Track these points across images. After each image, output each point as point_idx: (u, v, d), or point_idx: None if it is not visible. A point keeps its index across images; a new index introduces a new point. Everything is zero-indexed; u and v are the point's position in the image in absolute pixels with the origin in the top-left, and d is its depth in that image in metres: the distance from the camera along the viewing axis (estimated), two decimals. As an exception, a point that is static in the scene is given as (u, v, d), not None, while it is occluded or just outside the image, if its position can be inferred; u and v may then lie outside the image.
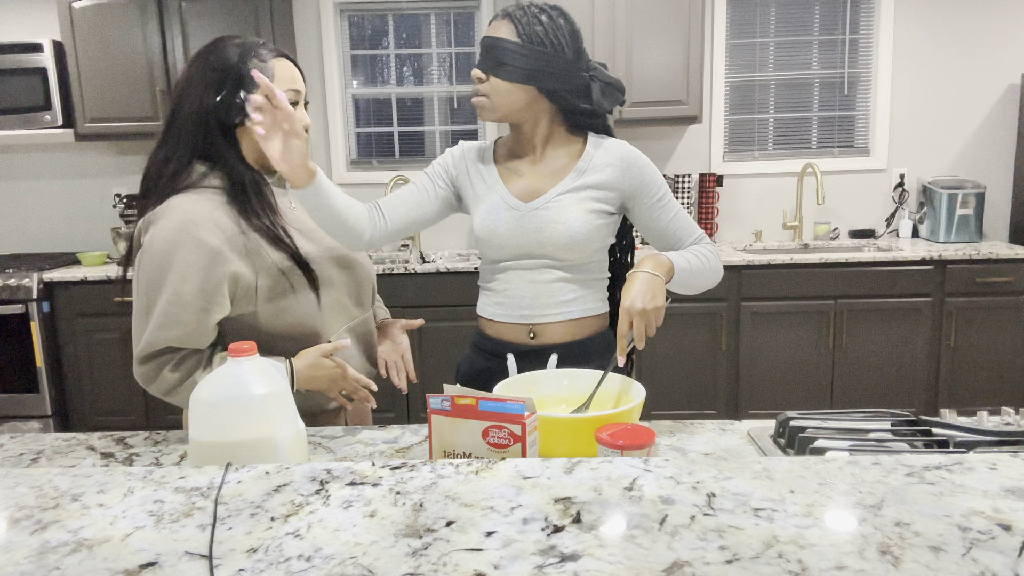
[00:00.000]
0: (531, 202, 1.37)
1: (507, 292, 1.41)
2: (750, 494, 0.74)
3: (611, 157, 1.38)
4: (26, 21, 3.72)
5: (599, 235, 1.37)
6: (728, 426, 1.23)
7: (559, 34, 1.30)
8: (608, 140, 1.42)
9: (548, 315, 1.40)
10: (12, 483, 0.82)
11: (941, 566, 0.61)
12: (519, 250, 1.38)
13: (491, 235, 1.38)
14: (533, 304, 1.40)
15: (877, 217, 3.75)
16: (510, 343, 1.43)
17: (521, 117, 1.36)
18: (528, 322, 1.41)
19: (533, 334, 1.41)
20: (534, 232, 1.36)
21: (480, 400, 0.99)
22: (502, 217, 1.37)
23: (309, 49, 3.72)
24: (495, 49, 1.30)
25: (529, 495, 0.76)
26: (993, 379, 3.23)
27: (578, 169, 1.37)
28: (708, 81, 3.69)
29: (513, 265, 1.40)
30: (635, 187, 1.38)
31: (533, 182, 1.39)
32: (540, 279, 1.39)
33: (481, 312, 1.48)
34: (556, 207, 1.35)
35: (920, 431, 1.05)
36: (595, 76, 1.38)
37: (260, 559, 0.65)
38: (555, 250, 1.36)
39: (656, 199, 1.39)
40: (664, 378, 3.26)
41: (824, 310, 3.18)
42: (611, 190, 1.37)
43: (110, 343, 3.30)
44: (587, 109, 1.38)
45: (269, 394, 0.97)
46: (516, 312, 1.41)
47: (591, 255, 1.39)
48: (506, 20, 1.30)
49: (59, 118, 3.41)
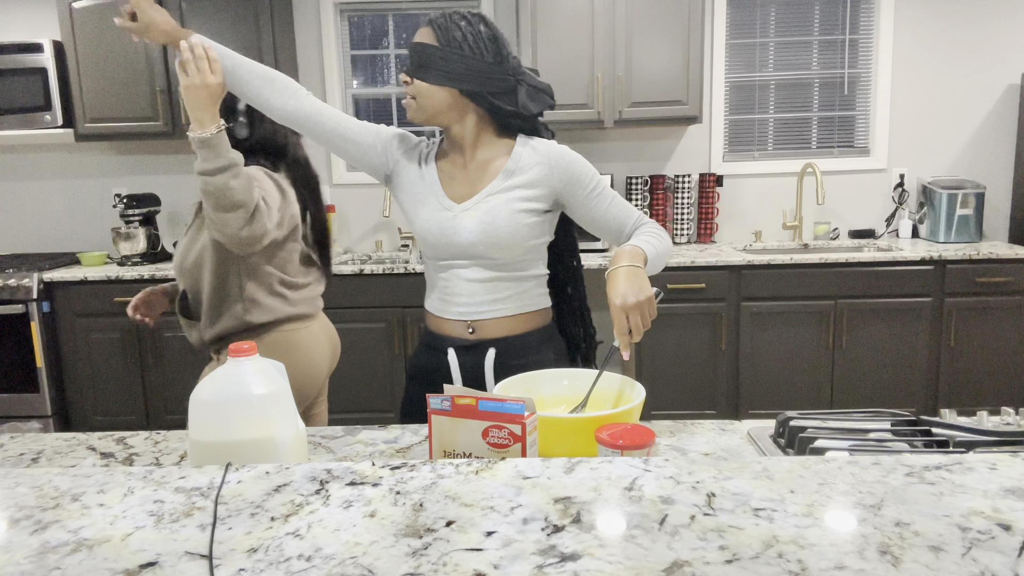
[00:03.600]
0: (463, 203, 1.42)
1: (447, 289, 1.46)
2: (750, 494, 0.74)
3: (538, 156, 1.43)
4: (26, 21, 3.72)
5: (529, 234, 1.42)
6: (728, 426, 1.23)
7: (478, 39, 1.36)
8: (536, 140, 1.46)
9: (485, 312, 1.45)
10: (12, 483, 0.82)
11: (941, 566, 0.61)
12: (454, 250, 1.43)
13: (427, 235, 1.44)
14: (470, 302, 1.45)
15: (877, 217, 3.75)
16: (451, 338, 1.49)
17: (447, 119, 1.42)
18: (467, 319, 1.46)
19: (472, 329, 1.47)
20: (465, 233, 1.40)
21: (480, 400, 0.99)
22: (437, 218, 1.42)
23: (309, 49, 3.72)
24: (418, 53, 1.37)
25: (529, 495, 0.76)
26: (993, 379, 3.23)
27: (507, 170, 1.42)
28: (708, 81, 3.69)
29: (450, 264, 1.45)
30: (565, 182, 1.43)
31: (465, 183, 1.44)
32: (476, 277, 1.44)
33: (427, 307, 1.53)
34: (485, 208, 1.40)
35: (920, 431, 1.05)
36: (521, 80, 1.42)
37: (260, 559, 0.65)
38: (486, 250, 1.41)
39: (589, 190, 1.43)
40: (664, 378, 3.26)
41: (824, 310, 3.18)
42: (541, 188, 1.42)
43: (110, 343, 3.30)
44: (512, 111, 1.42)
45: (269, 394, 0.97)
46: (455, 309, 1.46)
47: (523, 254, 1.44)
48: (428, 26, 1.37)
49: (59, 118, 3.41)
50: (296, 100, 1.42)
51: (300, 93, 1.44)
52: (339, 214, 3.84)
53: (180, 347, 3.30)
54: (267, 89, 1.41)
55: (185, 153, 3.83)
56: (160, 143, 3.81)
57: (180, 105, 3.41)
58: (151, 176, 3.85)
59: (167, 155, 3.83)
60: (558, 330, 1.59)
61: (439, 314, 1.49)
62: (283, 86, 1.42)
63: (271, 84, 1.41)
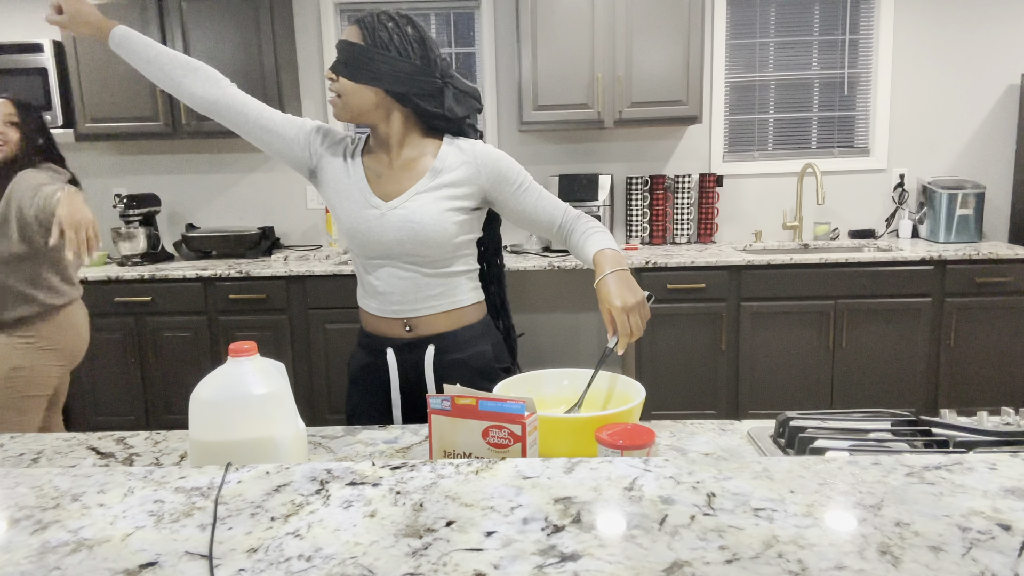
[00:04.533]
0: (390, 201, 1.42)
1: (379, 288, 1.46)
2: (750, 494, 0.74)
3: (465, 155, 1.44)
4: (26, 21, 3.72)
5: (458, 231, 1.43)
6: (728, 426, 1.23)
7: (404, 40, 1.37)
8: (461, 139, 1.47)
9: (420, 309, 1.46)
10: (12, 483, 0.82)
11: (941, 566, 0.61)
12: (383, 248, 1.43)
13: (355, 233, 1.43)
14: (403, 300, 1.45)
15: (877, 217, 3.75)
16: (388, 337, 1.49)
17: (373, 118, 1.42)
18: (402, 316, 1.47)
19: (409, 327, 1.47)
20: (394, 231, 1.41)
21: (480, 400, 0.99)
22: (363, 216, 1.42)
23: (309, 49, 3.72)
24: (344, 51, 1.37)
25: (529, 495, 0.76)
26: (993, 379, 3.23)
27: (434, 169, 1.43)
28: (708, 81, 3.69)
29: (381, 263, 1.45)
30: (492, 180, 1.45)
31: (392, 181, 1.44)
32: (407, 275, 1.44)
33: (361, 305, 1.53)
34: (413, 206, 1.41)
35: (920, 431, 1.05)
36: (448, 83, 1.43)
37: (260, 559, 0.65)
38: (416, 247, 1.41)
39: (516, 186, 1.46)
40: (664, 378, 3.26)
41: (824, 310, 3.18)
42: (468, 186, 1.44)
43: (110, 343, 3.30)
44: (437, 113, 1.43)
45: (269, 394, 0.97)
46: (390, 308, 1.47)
47: (453, 251, 1.45)
48: (356, 25, 1.37)
49: (59, 118, 3.41)
50: (219, 89, 1.44)
51: (223, 83, 1.45)
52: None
53: (180, 347, 3.30)
54: (189, 79, 1.43)
55: (185, 153, 3.83)
56: (160, 143, 3.81)
57: (180, 105, 3.41)
58: (151, 176, 3.85)
59: (167, 155, 3.83)
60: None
61: (375, 313, 1.49)
62: (205, 76, 1.44)
63: (193, 74, 1.43)
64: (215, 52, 3.37)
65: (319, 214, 3.85)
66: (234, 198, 3.86)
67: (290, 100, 3.55)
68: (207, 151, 3.83)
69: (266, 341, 3.28)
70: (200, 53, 3.37)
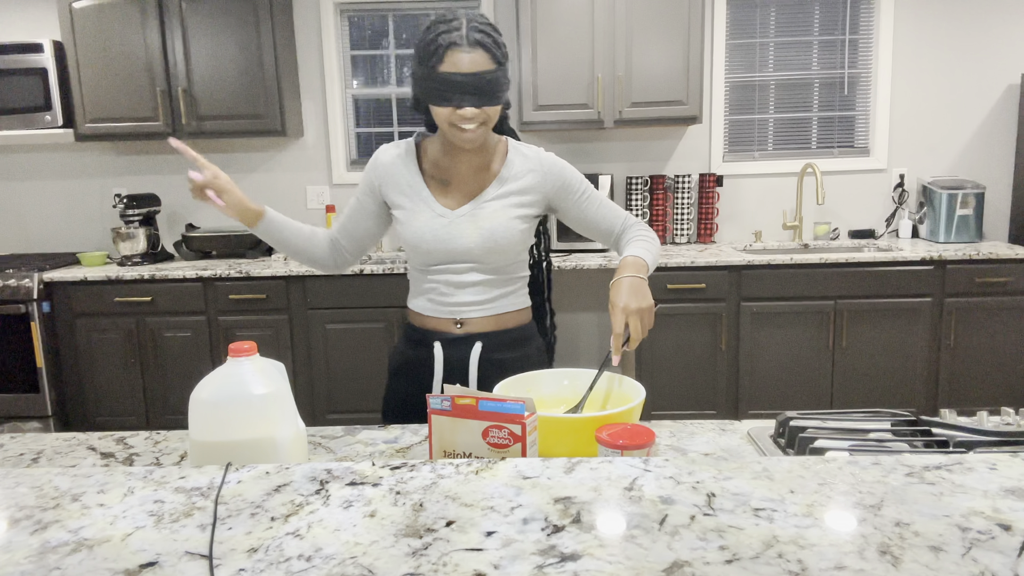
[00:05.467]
0: (458, 209, 1.43)
1: (435, 291, 1.48)
2: (750, 494, 0.74)
3: (530, 163, 1.45)
4: (26, 21, 3.72)
5: (522, 239, 1.45)
6: (728, 426, 1.23)
7: (505, 44, 1.35)
8: (525, 146, 1.48)
9: (473, 310, 1.48)
10: (12, 483, 0.82)
11: (941, 566, 0.61)
12: (447, 255, 1.44)
13: (420, 242, 1.43)
14: (460, 302, 1.47)
15: (877, 217, 3.75)
16: (437, 332, 1.50)
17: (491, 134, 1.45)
18: (455, 316, 1.48)
19: (460, 323, 1.49)
20: (461, 238, 1.41)
21: (480, 400, 0.99)
22: (431, 226, 1.42)
23: (309, 49, 3.72)
24: (486, 82, 1.30)
25: (529, 495, 0.76)
26: (993, 379, 3.23)
27: (501, 177, 1.44)
28: (708, 81, 3.69)
29: (441, 269, 1.46)
30: (557, 188, 1.46)
31: (458, 189, 1.45)
32: (466, 280, 1.46)
33: (411, 306, 1.55)
34: (482, 214, 1.42)
35: (920, 431, 1.05)
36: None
37: (260, 559, 0.65)
38: (481, 255, 1.42)
39: (579, 194, 1.48)
40: (664, 378, 3.26)
41: (824, 310, 3.18)
42: (534, 194, 1.45)
43: (110, 343, 3.30)
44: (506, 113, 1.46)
45: (269, 394, 0.97)
46: (444, 308, 1.48)
47: (514, 257, 1.47)
48: (478, 49, 1.29)
49: (59, 118, 3.41)
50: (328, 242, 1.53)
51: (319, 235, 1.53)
52: (339, 214, 3.83)
53: (180, 347, 3.30)
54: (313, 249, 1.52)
55: (185, 153, 3.82)
56: (160, 143, 3.81)
57: (180, 105, 3.41)
58: (151, 176, 3.85)
59: (167, 155, 3.83)
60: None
61: (427, 313, 1.50)
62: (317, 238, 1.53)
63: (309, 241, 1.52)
64: (215, 52, 3.37)
65: (319, 214, 3.85)
66: (234, 198, 3.85)
67: (290, 100, 3.55)
68: (207, 151, 3.83)
69: (266, 341, 3.28)
70: (200, 53, 3.37)
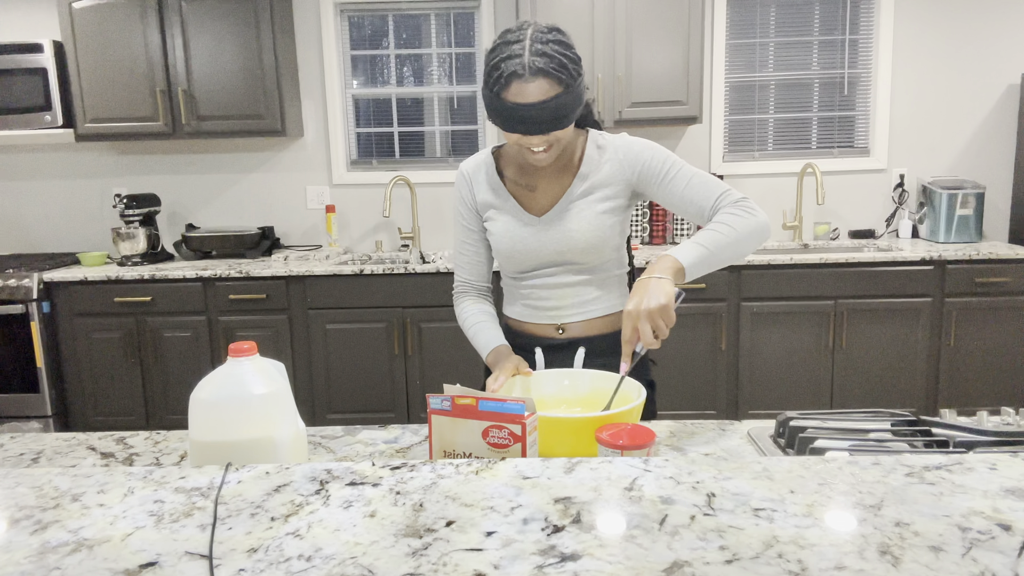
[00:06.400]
0: (544, 215, 1.40)
1: (533, 297, 1.45)
2: (750, 494, 0.74)
3: (607, 153, 1.40)
4: (26, 21, 3.72)
5: (614, 233, 1.40)
6: (728, 426, 1.23)
7: (576, 62, 1.25)
8: (601, 136, 1.42)
9: (574, 314, 1.45)
10: (12, 483, 0.82)
11: (941, 566, 0.61)
12: (540, 260, 1.41)
13: (512, 251, 1.42)
14: (559, 306, 1.44)
15: (877, 217, 3.75)
16: (538, 337, 1.48)
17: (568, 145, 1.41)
18: (556, 322, 1.45)
19: (562, 330, 1.46)
20: (552, 243, 1.39)
21: (480, 400, 0.99)
22: (520, 233, 1.40)
23: (309, 49, 3.72)
24: (550, 111, 1.23)
25: (529, 495, 0.76)
26: (993, 379, 3.23)
27: (582, 174, 1.40)
28: (708, 81, 3.69)
29: (536, 274, 1.44)
30: (639, 173, 1.39)
31: (542, 194, 1.42)
32: (563, 283, 1.43)
33: (508, 314, 1.52)
34: (569, 215, 1.38)
35: (920, 431, 1.05)
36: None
37: (260, 559, 0.65)
38: (575, 256, 1.39)
39: (662, 176, 1.37)
40: (664, 378, 3.26)
41: (824, 310, 3.18)
42: (615, 185, 1.39)
43: (110, 343, 3.30)
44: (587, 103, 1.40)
45: (269, 394, 0.97)
46: (544, 314, 1.46)
47: (610, 253, 1.42)
48: (540, 78, 1.22)
49: (59, 118, 3.41)
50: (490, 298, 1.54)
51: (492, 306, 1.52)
52: (339, 214, 3.84)
53: (180, 347, 3.30)
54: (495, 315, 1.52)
55: (185, 153, 3.83)
56: (160, 143, 3.81)
57: (180, 105, 3.41)
58: (151, 176, 3.85)
59: (167, 155, 3.83)
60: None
61: (526, 320, 1.48)
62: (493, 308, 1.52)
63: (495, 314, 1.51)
64: (215, 52, 3.37)
65: (319, 214, 3.85)
66: (234, 198, 3.86)
67: (290, 100, 3.55)
68: (207, 151, 3.83)
69: (266, 341, 3.28)
70: (200, 53, 3.37)
